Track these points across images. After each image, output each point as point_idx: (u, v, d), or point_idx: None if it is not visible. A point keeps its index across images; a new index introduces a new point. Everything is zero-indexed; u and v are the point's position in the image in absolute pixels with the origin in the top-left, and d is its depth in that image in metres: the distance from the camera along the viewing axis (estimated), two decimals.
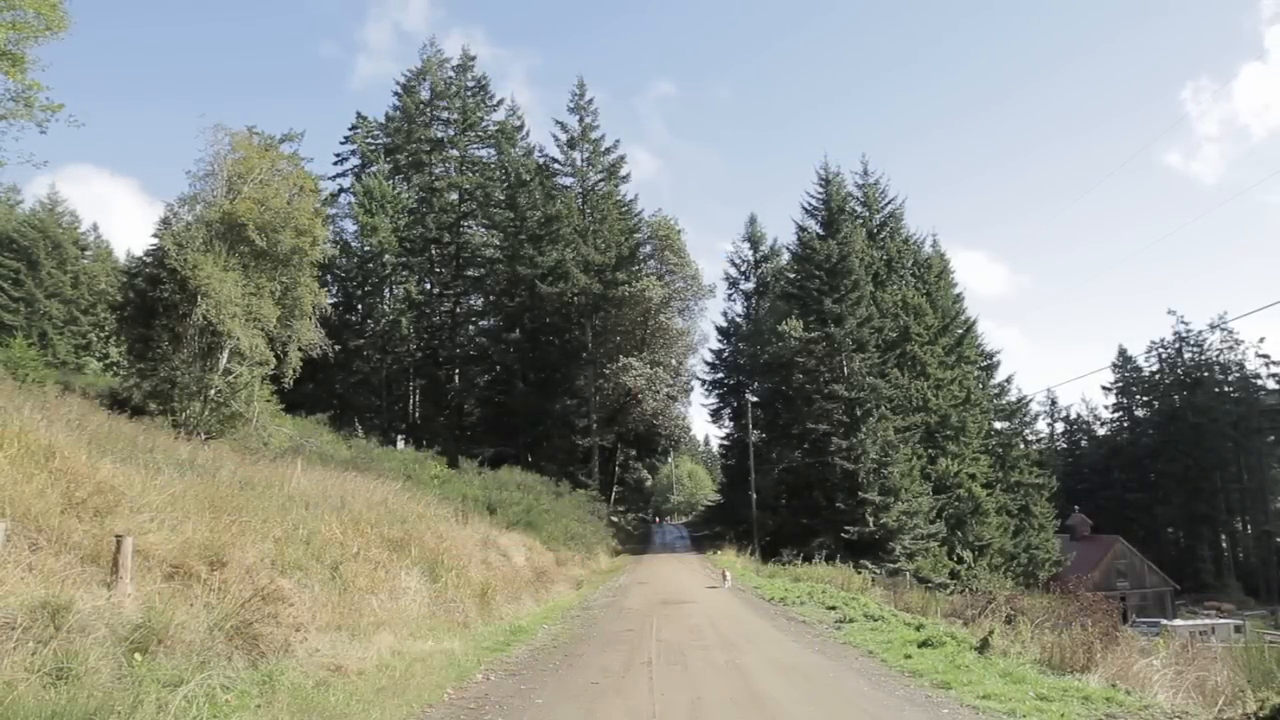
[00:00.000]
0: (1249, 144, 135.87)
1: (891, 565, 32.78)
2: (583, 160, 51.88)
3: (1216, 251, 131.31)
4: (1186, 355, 68.00)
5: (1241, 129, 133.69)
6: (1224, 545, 66.46)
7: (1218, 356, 66.61)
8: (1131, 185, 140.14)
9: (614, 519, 45.96)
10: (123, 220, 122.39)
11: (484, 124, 56.05)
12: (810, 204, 44.61)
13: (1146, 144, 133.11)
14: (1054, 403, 77.41)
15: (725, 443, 59.68)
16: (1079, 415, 77.77)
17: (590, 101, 51.61)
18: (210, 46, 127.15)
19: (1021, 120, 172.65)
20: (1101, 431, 75.86)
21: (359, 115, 55.86)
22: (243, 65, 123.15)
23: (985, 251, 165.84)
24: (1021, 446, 48.44)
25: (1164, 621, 30.58)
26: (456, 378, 52.17)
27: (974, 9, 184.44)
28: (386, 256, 48.02)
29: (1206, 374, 66.32)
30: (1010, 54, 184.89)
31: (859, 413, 36.27)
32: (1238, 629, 28.78)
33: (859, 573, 26.23)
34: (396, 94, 55.70)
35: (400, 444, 44.10)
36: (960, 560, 37.71)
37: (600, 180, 52.14)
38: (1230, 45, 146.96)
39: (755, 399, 47.13)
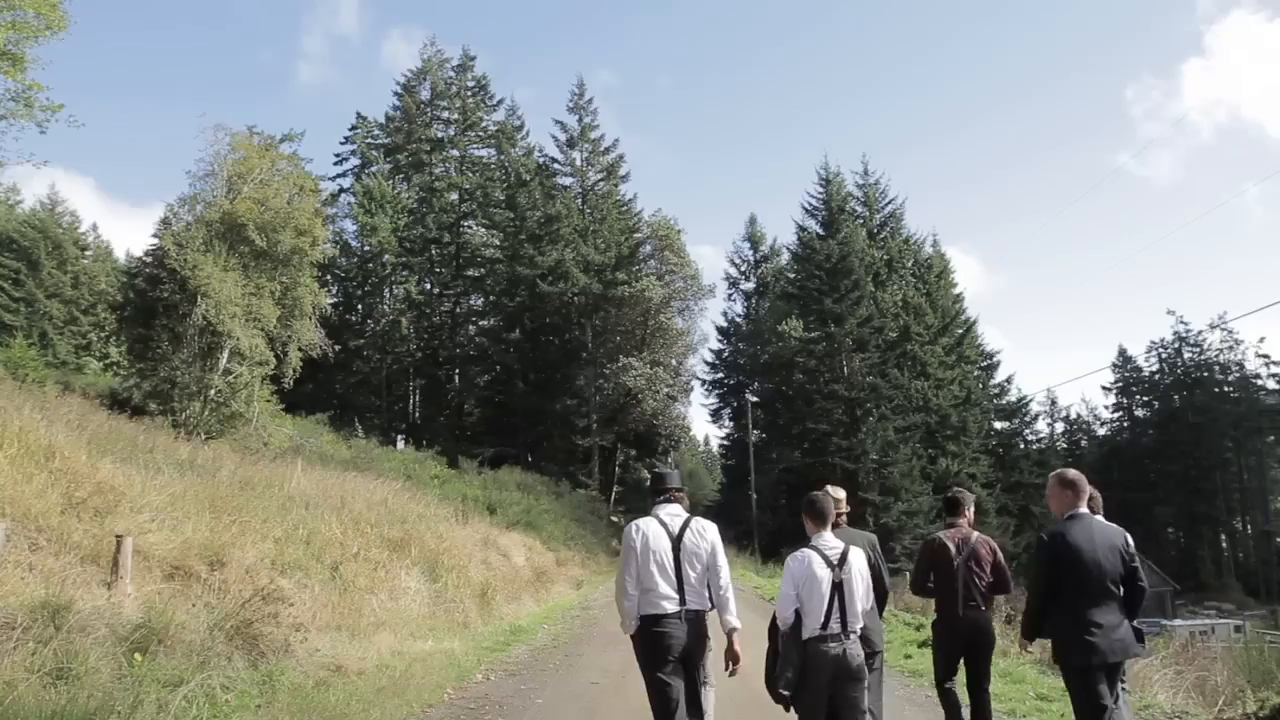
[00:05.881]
0: (1198, 141, 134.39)
1: (892, 565, 32.75)
2: (582, 160, 51.87)
3: (1201, 252, 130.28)
4: (1186, 355, 67.88)
5: (1190, 127, 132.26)
6: (1224, 545, 66.37)
7: (1217, 356, 66.50)
8: (1111, 192, 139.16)
9: (614, 519, 45.92)
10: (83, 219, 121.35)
11: (484, 124, 56.03)
12: (810, 204, 44.72)
13: (1138, 150, 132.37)
14: (1054, 403, 77.16)
15: (725, 443, 59.70)
16: (1079, 415, 77.68)
17: (590, 101, 51.59)
18: (163, 49, 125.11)
19: (1010, 127, 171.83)
20: (1101, 431, 75.65)
21: (359, 115, 55.79)
22: (193, 69, 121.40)
23: (958, 246, 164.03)
24: (1021, 446, 48.48)
25: (1164, 621, 30.51)
26: (456, 378, 52.15)
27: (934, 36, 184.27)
28: (386, 256, 48.02)
29: (1206, 374, 66.21)
30: (999, 60, 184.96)
31: (859, 413, 36.34)
32: (1238, 629, 28.72)
33: None
34: (396, 94, 55.65)
35: (400, 444, 44.13)
36: None
37: (600, 180, 52.14)
38: (1172, 45, 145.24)
39: (755, 399, 47.19)
